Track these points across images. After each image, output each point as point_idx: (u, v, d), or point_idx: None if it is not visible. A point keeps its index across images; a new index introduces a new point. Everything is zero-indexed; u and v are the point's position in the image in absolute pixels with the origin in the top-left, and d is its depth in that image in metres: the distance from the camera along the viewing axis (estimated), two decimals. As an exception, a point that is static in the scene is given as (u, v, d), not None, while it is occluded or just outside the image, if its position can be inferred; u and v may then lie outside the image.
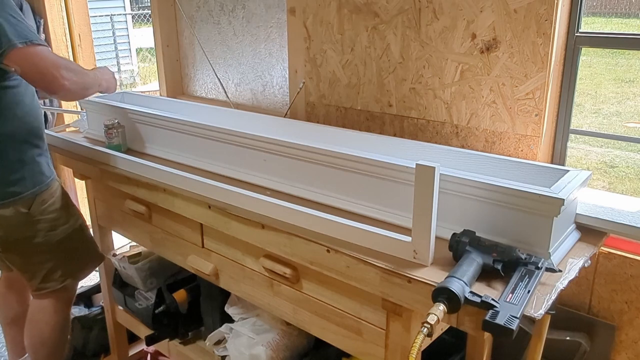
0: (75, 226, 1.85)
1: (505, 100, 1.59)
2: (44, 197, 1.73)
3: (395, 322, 1.21)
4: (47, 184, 1.74)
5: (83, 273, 1.94)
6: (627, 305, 1.51)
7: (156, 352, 2.23)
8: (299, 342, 1.72)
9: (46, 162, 1.76)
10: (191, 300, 2.00)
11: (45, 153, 1.77)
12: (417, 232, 1.13)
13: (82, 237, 1.89)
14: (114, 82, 1.88)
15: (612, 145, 5.42)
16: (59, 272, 1.82)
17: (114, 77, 1.89)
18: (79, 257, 1.89)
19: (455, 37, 1.64)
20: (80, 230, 1.88)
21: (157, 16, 2.64)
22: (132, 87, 8.47)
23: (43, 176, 1.73)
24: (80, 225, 1.89)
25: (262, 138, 1.54)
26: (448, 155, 1.47)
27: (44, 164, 1.75)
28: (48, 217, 1.75)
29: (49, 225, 1.76)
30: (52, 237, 1.77)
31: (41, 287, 1.82)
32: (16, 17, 1.50)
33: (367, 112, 1.93)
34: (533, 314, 1.00)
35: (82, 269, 1.93)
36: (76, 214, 1.88)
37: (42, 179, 1.72)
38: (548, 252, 1.14)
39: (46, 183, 1.73)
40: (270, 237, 1.36)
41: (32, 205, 1.70)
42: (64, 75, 1.51)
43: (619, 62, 7.37)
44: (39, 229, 1.74)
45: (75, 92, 1.61)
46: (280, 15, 2.21)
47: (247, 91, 2.46)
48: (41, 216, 1.73)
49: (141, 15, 10.44)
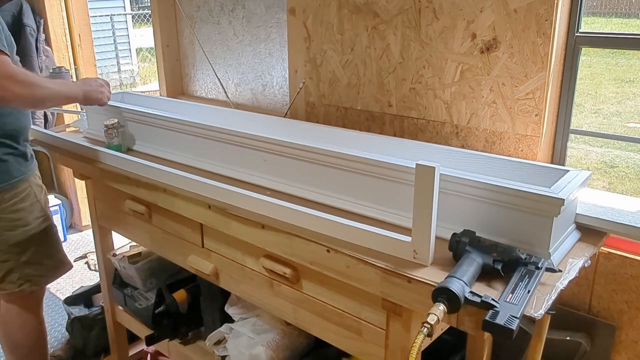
0: (36, 229, 1.83)
1: (505, 100, 1.59)
2: (5, 196, 1.73)
3: (395, 322, 1.21)
4: (12, 184, 1.74)
5: (43, 279, 1.91)
6: (627, 305, 1.51)
7: (156, 352, 2.23)
8: (299, 342, 1.72)
9: (16, 162, 1.75)
10: (191, 300, 2.00)
11: (19, 154, 1.77)
12: (417, 232, 1.13)
13: (44, 241, 1.87)
14: (98, 95, 1.79)
15: (612, 145, 5.42)
16: (16, 274, 1.81)
17: (102, 90, 1.81)
18: (38, 262, 1.86)
19: (455, 37, 1.64)
20: (42, 235, 1.85)
21: (157, 16, 2.65)
22: (132, 87, 8.46)
23: (7, 175, 1.73)
24: (44, 230, 1.86)
25: (262, 138, 1.54)
26: (448, 155, 1.47)
27: (13, 164, 1.74)
28: (7, 216, 1.75)
29: (8, 224, 1.76)
30: (8, 237, 1.77)
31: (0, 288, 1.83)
32: None
33: (367, 112, 1.93)
34: (533, 314, 1.00)
35: (43, 275, 1.89)
36: (41, 218, 1.85)
37: (5, 177, 1.72)
38: (548, 252, 1.14)
39: (10, 182, 1.74)
40: (270, 237, 1.36)
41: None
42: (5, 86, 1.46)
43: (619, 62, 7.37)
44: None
45: (21, 103, 1.58)
46: (280, 15, 2.21)
47: (247, 91, 2.46)
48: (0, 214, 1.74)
49: (141, 15, 10.44)
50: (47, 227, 1.88)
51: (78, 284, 3.03)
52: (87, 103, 1.78)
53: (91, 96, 1.77)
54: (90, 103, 1.78)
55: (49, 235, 1.89)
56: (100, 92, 1.79)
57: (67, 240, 3.63)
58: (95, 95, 1.78)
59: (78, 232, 3.77)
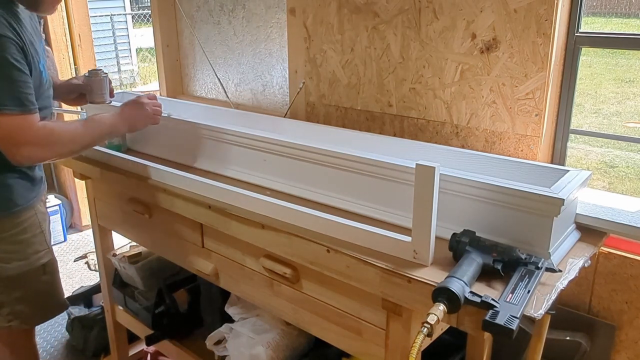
0: (34, 265, 1.63)
1: (505, 100, 1.59)
2: (5, 226, 1.55)
3: (395, 322, 1.21)
4: (13, 212, 1.55)
5: (35, 319, 1.71)
6: (627, 305, 1.51)
7: (156, 352, 2.23)
8: (299, 342, 1.72)
9: (22, 188, 1.57)
10: (191, 300, 2.00)
11: (27, 178, 1.59)
12: (417, 232, 1.13)
13: (40, 279, 1.66)
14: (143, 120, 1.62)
15: (612, 145, 5.42)
16: (6, 309, 1.62)
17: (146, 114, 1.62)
18: (31, 300, 1.66)
19: (455, 37, 1.64)
20: (39, 271, 1.65)
21: (157, 16, 2.65)
22: (132, 87, 8.46)
23: (10, 203, 1.54)
24: (43, 266, 1.66)
25: (262, 138, 1.54)
26: (448, 155, 1.47)
27: (17, 190, 1.55)
28: (4, 247, 1.56)
29: (3, 256, 1.57)
30: (3, 270, 1.57)
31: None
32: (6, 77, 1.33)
33: (367, 112, 1.93)
34: (533, 314, 1.00)
35: (35, 315, 1.70)
36: (41, 252, 1.65)
37: (7, 205, 1.54)
38: (548, 252, 1.14)
39: (12, 211, 1.55)
40: (270, 237, 1.36)
41: None
42: (21, 152, 1.37)
43: (619, 62, 7.37)
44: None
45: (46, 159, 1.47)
46: (280, 15, 2.21)
47: (247, 91, 2.46)
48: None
49: (141, 15, 10.44)
50: (47, 263, 1.68)
51: (78, 284, 3.04)
52: (134, 131, 1.64)
53: (136, 126, 1.62)
54: (139, 129, 1.64)
55: (47, 272, 1.68)
56: (145, 117, 1.63)
57: (67, 240, 3.64)
58: (141, 122, 1.62)
59: (78, 232, 3.78)
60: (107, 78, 1.77)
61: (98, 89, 1.76)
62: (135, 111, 1.61)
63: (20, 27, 1.39)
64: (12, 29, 1.35)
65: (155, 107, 1.65)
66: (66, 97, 1.81)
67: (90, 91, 1.76)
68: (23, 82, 1.36)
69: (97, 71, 1.76)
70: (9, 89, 1.33)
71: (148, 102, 1.64)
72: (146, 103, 1.63)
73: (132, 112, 1.61)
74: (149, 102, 1.64)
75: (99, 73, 1.76)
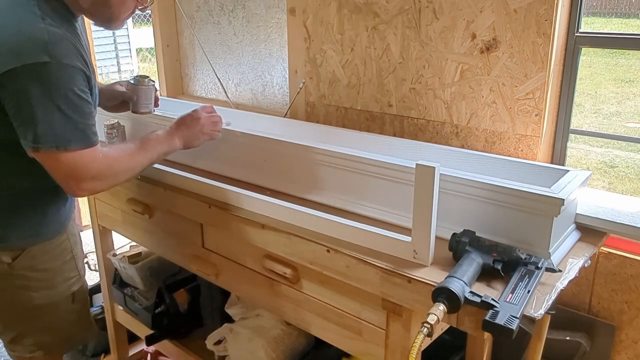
0: (63, 295, 1.51)
1: (505, 100, 1.59)
2: (35, 253, 1.42)
3: (395, 322, 1.21)
4: (48, 238, 1.44)
5: (61, 349, 1.60)
6: (627, 305, 1.51)
7: (156, 352, 2.23)
8: (299, 342, 1.72)
9: (58, 212, 1.46)
10: (191, 300, 2.00)
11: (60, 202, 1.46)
12: (417, 232, 1.13)
13: (69, 308, 1.53)
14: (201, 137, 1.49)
15: (612, 145, 5.42)
16: (29, 339, 1.50)
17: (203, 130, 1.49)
18: (59, 329, 1.54)
19: (455, 37, 1.64)
20: (68, 300, 1.53)
21: (157, 16, 2.65)
22: (132, 87, 8.45)
23: (45, 229, 1.43)
24: (72, 295, 1.53)
25: (262, 138, 1.54)
26: (448, 155, 1.47)
27: (54, 217, 1.45)
28: (31, 274, 1.43)
29: (29, 284, 1.44)
30: (29, 299, 1.45)
31: (10, 347, 1.53)
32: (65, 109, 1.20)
33: (367, 112, 1.93)
34: (533, 314, 1.00)
35: (61, 345, 1.57)
36: (72, 279, 1.53)
37: (43, 234, 1.43)
38: (548, 252, 1.14)
39: (47, 237, 1.44)
40: (270, 237, 1.36)
41: (17, 257, 1.40)
42: (82, 187, 1.27)
43: (619, 62, 7.37)
44: (16, 286, 1.43)
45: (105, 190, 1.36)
46: (280, 15, 2.21)
47: (247, 91, 2.46)
48: (24, 272, 1.42)
49: (141, 15, 10.44)
50: (77, 291, 1.55)
51: (78, 284, 3.03)
52: (190, 148, 1.50)
53: (192, 144, 1.49)
54: (195, 147, 1.50)
55: (76, 300, 1.55)
56: (202, 133, 1.49)
57: (67, 240, 3.63)
58: (198, 140, 1.49)
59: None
60: (154, 87, 1.62)
61: (144, 99, 1.60)
62: (192, 129, 1.48)
63: (82, 48, 1.26)
64: (80, 56, 1.23)
65: (214, 121, 1.53)
66: (106, 103, 1.66)
67: (136, 100, 1.60)
68: (88, 114, 1.25)
69: (144, 78, 1.60)
70: (74, 124, 1.22)
71: (205, 117, 1.51)
72: (203, 117, 1.50)
73: (188, 130, 1.48)
74: (206, 117, 1.51)
75: (146, 81, 1.60)
